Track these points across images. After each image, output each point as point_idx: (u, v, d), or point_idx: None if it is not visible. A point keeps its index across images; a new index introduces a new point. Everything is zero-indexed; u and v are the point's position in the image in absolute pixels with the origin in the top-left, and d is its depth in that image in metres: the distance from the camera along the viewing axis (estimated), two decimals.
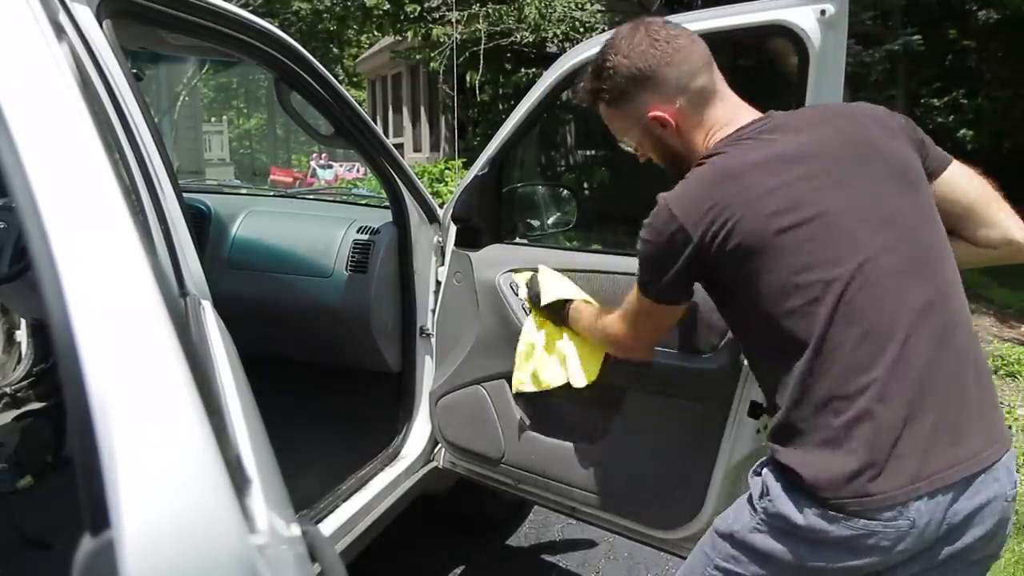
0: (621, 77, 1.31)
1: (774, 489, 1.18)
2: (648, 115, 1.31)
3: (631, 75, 1.30)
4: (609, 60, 1.32)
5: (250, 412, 0.79)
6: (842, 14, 1.48)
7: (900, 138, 1.27)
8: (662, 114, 1.30)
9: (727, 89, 1.33)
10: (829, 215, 1.16)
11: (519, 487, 2.08)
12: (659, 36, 1.29)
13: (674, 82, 1.29)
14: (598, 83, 1.36)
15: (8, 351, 2.64)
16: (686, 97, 1.29)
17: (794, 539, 1.16)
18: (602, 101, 1.37)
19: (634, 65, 1.29)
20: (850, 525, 1.11)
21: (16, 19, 0.64)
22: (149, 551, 0.45)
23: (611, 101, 1.36)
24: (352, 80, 23.67)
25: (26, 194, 0.51)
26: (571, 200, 2.59)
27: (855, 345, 1.13)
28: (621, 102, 1.34)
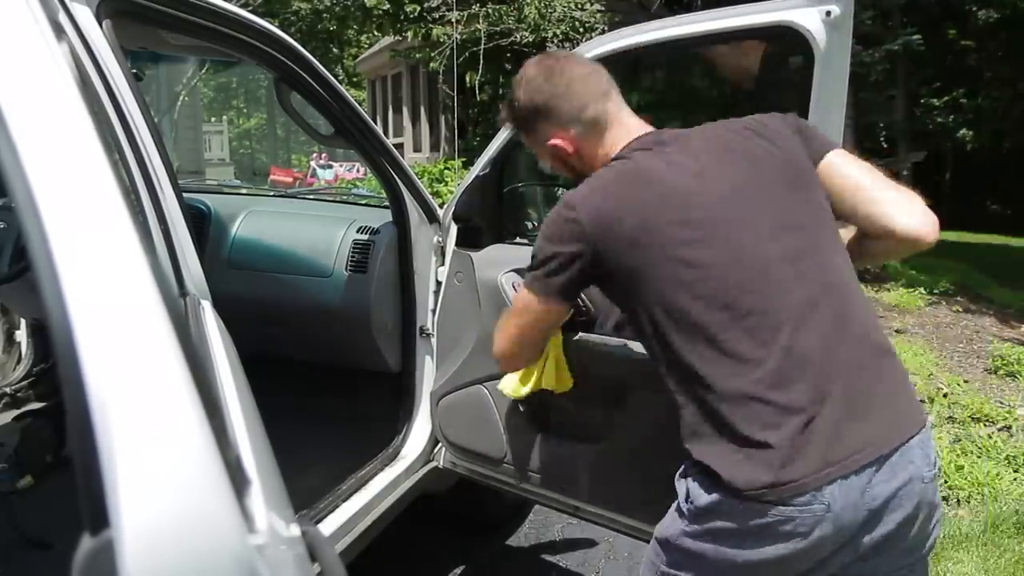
0: (523, 110, 1.45)
1: (694, 490, 1.23)
2: (549, 142, 1.44)
3: (531, 108, 1.43)
4: (516, 97, 1.46)
5: (250, 412, 0.79)
6: (847, 15, 1.48)
7: (785, 140, 1.33)
8: (559, 142, 1.42)
9: (626, 114, 1.43)
10: (717, 219, 1.25)
11: (521, 487, 2.08)
12: (554, 71, 1.42)
13: (567, 113, 1.40)
14: (509, 113, 1.51)
15: (8, 351, 2.64)
16: (580, 125, 1.40)
17: (719, 537, 1.20)
18: (518, 128, 1.52)
19: (531, 100, 1.43)
20: (766, 512, 1.15)
21: (16, 19, 0.64)
22: (148, 551, 0.45)
23: (520, 129, 1.52)
24: (352, 80, 23.67)
25: (25, 194, 0.51)
26: None
27: (742, 338, 1.19)
28: (528, 131, 1.49)
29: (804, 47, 1.52)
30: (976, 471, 3.30)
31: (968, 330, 5.81)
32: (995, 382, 4.58)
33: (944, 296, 6.88)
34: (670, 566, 1.29)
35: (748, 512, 1.16)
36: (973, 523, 2.94)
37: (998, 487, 3.21)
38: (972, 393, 4.28)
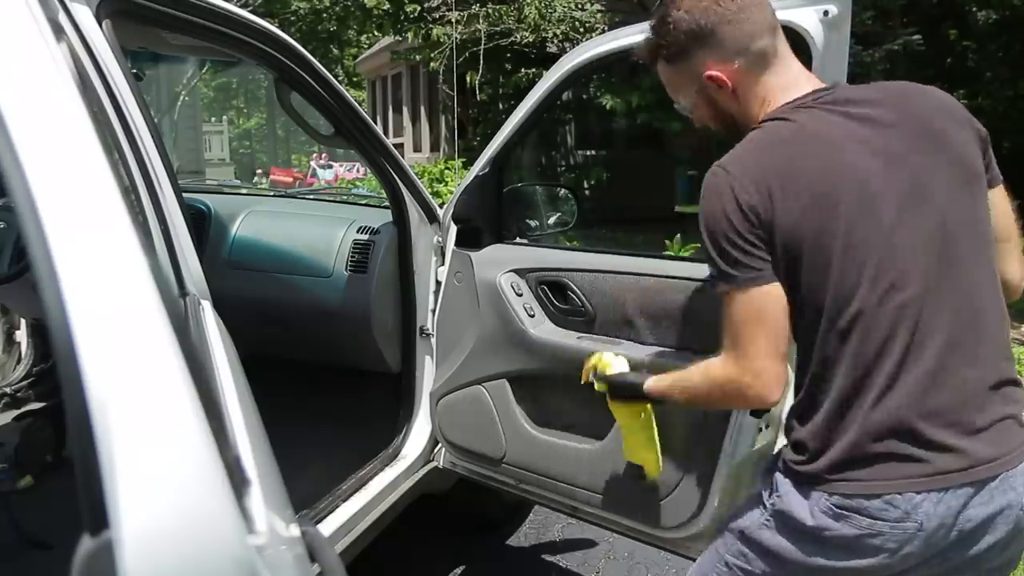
0: (681, 32, 1.25)
1: (783, 485, 1.18)
2: (704, 74, 1.25)
3: (690, 31, 1.24)
4: (670, 15, 1.26)
5: (250, 412, 0.79)
6: (845, 15, 1.47)
7: (968, 132, 1.23)
8: (719, 74, 1.24)
9: (790, 56, 1.27)
10: (873, 202, 1.14)
11: (520, 487, 2.08)
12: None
13: (733, 42, 1.23)
14: (657, 38, 1.30)
15: (8, 351, 2.64)
16: (745, 58, 1.23)
17: (801, 536, 1.16)
18: (660, 57, 1.31)
19: (695, 21, 1.23)
20: (856, 524, 1.11)
21: (15, 19, 0.64)
22: (148, 551, 0.45)
23: (669, 57, 1.30)
24: (352, 80, 23.68)
25: (25, 194, 0.51)
26: (571, 200, 2.59)
27: (866, 339, 1.12)
28: (678, 59, 1.28)
29: (802, 47, 1.52)
30: None
31: None
32: None
33: None
34: (735, 556, 1.24)
35: (836, 518, 1.12)
36: None
37: None
38: None
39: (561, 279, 1.94)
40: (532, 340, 1.93)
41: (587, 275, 1.89)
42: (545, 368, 1.95)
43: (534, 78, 9.84)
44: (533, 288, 1.99)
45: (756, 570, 1.22)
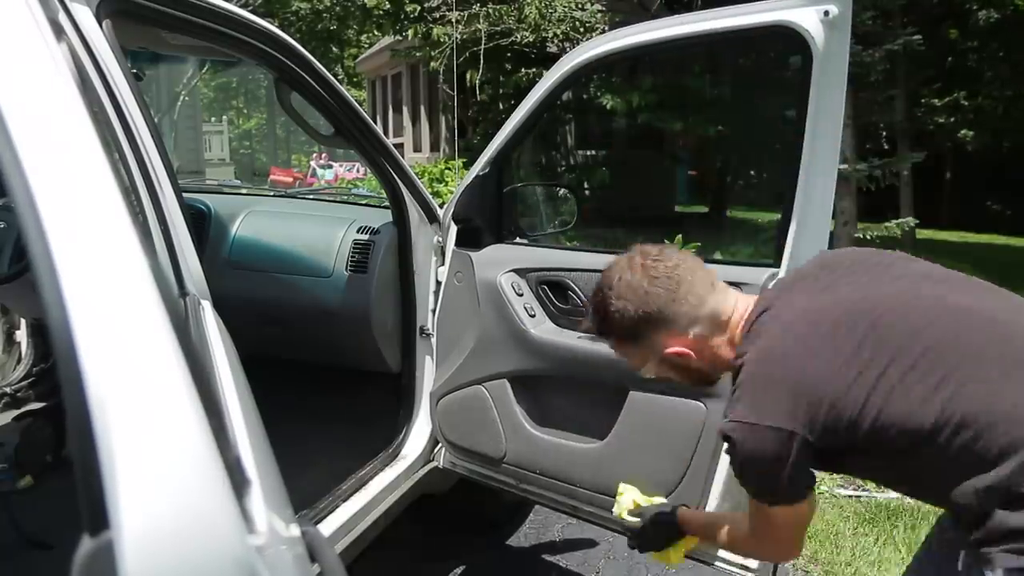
0: (629, 320, 1.28)
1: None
2: (664, 352, 1.30)
3: (639, 318, 1.27)
4: (612, 304, 1.29)
5: (250, 412, 0.79)
6: (845, 15, 1.47)
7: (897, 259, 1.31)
8: (680, 349, 1.28)
9: (726, 292, 1.31)
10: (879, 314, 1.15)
11: (520, 487, 2.08)
12: (658, 272, 1.27)
13: (684, 317, 1.27)
14: (606, 325, 1.33)
15: (8, 351, 2.64)
16: (699, 326, 1.28)
17: None
18: (613, 339, 1.36)
19: (640, 309, 1.26)
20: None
21: (15, 19, 0.64)
22: (148, 551, 0.45)
23: (623, 340, 1.34)
24: (352, 80, 23.66)
25: (25, 194, 0.51)
26: (571, 200, 2.59)
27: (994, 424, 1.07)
28: (633, 342, 1.33)
29: (802, 47, 1.52)
30: None
31: None
32: None
33: None
34: None
35: None
36: None
37: None
38: None
39: (561, 279, 1.94)
40: (532, 340, 1.93)
41: (587, 275, 1.89)
42: (545, 368, 1.95)
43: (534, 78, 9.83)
44: (533, 288, 1.99)
45: None
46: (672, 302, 1.26)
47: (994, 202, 16.11)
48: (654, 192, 11.62)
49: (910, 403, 1.08)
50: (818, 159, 1.59)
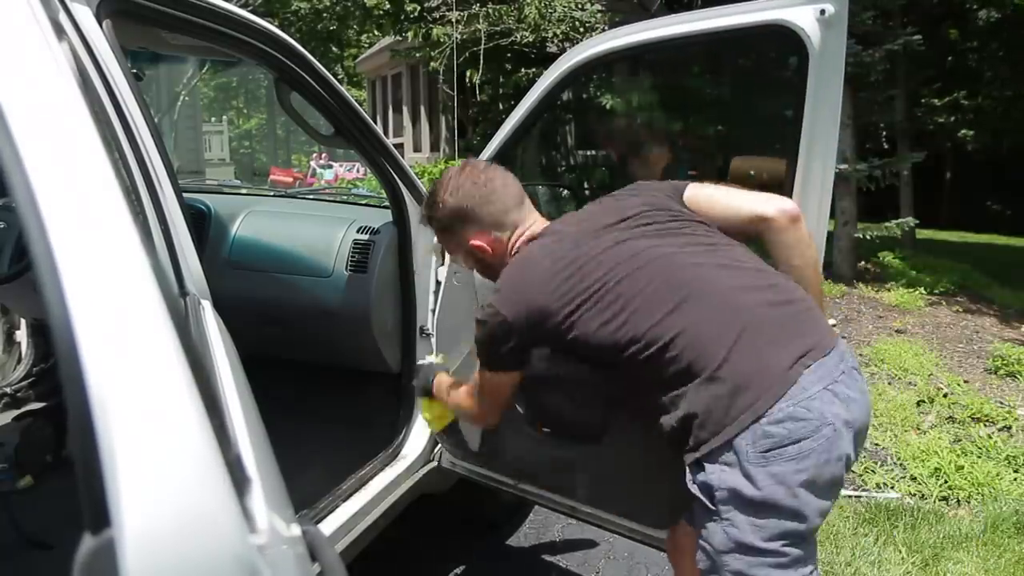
0: (447, 211, 1.61)
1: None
2: (469, 243, 1.62)
3: (454, 211, 1.61)
4: (438, 196, 1.62)
5: (250, 412, 0.79)
6: (842, 14, 1.47)
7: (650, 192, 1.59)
8: (480, 243, 1.61)
9: (533, 213, 1.65)
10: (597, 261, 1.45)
11: (520, 487, 2.08)
12: (479, 179, 1.60)
13: (489, 218, 1.60)
14: (429, 212, 1.68)
15: (8, 351, 2.64)
16: (498, 231, 1.61)
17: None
18: (434, 227, 1.70)
19: (457, 203, 1.60)
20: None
21: (16, 19, 0.64)
22: (149, 550, 0.45)
23: (440, 230, 1.69)
24: (352, 80, 23.66)
25: (26, 194, 0.51)
26: (571, 200, 2.59)
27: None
28: (448, 231, 1.66)
29: (799, 46, 1.52)
30: (976, 471, 3.30)
31: (968, 330, 5.80)
32: (995, 382, 4.58)
33: (944, 296, 6.88)
34: None
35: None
36: (973, 523, 2.94)
37: (998, 487, 3.21)
38: (972, 393, 4.28)
39: None
40: None
41: None
42: (545, 367, 1.94)
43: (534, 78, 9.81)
44: None
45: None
46: (482, 204, 1.59)
47: (994, 202, 16.11)
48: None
49: (595, 327, 1.42)
50: (815, 158, 1.59)
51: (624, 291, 1.41)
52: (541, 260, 1.51)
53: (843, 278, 7.16)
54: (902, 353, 4.83)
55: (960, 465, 3.35)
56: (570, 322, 1.44)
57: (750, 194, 1.56)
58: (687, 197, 1.57)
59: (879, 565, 2.63)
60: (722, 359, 1.33)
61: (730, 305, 1.39)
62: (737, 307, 1.39)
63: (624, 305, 1.40)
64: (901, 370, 4.56)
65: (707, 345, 1.35)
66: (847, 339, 5.40)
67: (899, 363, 4.65)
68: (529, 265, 1.52)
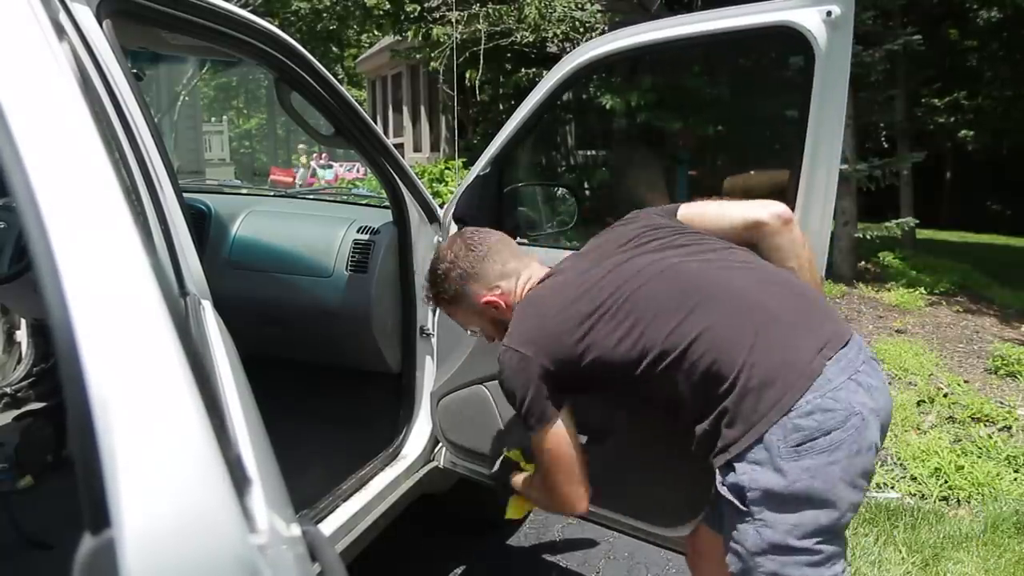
0: (452, 279, 1.64)
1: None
2: (481, 303, 1.63)
3: (458, 277, 1.63)
4: (439, 269, 1.66)
5: (250, 412, 0.79)
6: (848, 16, 1.47)
7: (647, 216, 1.62)
8: (492, 298, 1.62)
9: (533, 261, 1.68)
10: (606, 282, 1.48)
11: None
12: (474, 243, 1.64)
13: (492, 273, 1.63)
14: (436, 290, 1.69)
15: (8, 351, 2.64)
16: (504, 281, 1.63)
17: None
18: (443, 302, 1.70)
19: (459, 270, 1.63)
20: None
21: (16, 19, 0.64)
22: (149, 550, 0.45)
23: (450, 303, 1.69)
24: (352, 80, 23.65)
25: (26, 194, 0.51)
26: (571, 200, 2.59)
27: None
28: (457, 300, 1.67)
29: (804, 47, 1.52)
30: (976, 471, 3.30)
31: (968, 330, 5.80)
32: (995, 382, 4.58)
33: (944, 296, 6.88)
34: None
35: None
36: (973, 523, 2.94)
37: (998, 487, 3.21)
38: (972, 393, 4.28)
39: None
40: None
41: None
42: None
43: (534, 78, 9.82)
44: None
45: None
46: (482, 260, 1.63)
47: (994, 202, 16.10)
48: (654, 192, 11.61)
49: (611, 345, 1.42)
50: (820, 159, 1.59)
51: (635, 305, 1.42)
52: (547, 295, 1.54)
53: (843, 278, 7.16)
54: (902, 353, 4.83)
55: (960, 465, 3.35)
56: (585, 345, 1.44)
57: (740, 202, 1.59)
58: (680, 215, 1.61)
59: (879, 565, 2.63)
60: (744, 358, 1.33)
61: (744, 304, 1.39)
62: (751, 305, 1.39)
63: (638, 318, 1.41)
64: (901, 370, 4.56)
65: (727, 346, 1.35)
66: None
67: (899, 363, 4.65)
68: (536, 301, 1.55)
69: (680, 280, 1.43)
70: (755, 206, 1.55)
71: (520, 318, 1.53)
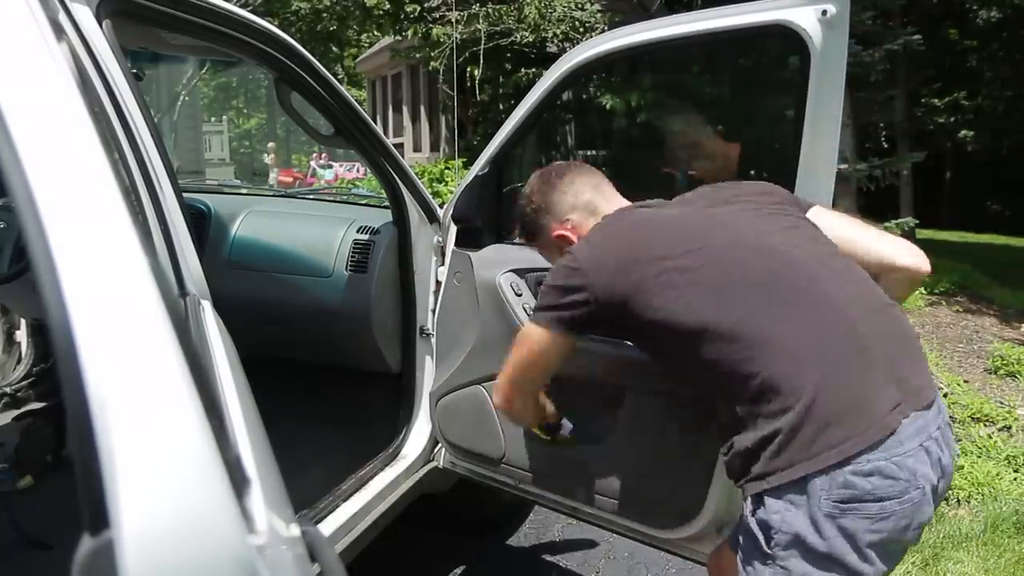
0: (529, 214, 1.64)
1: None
2: (553, 236, 1.60)
3: (535, 211, 1.63)
4: (520, 205, 1.67)
5: (250, 412, 0.79)
6: (843, 14, 1.47)
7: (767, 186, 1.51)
8: (562, 232, 1.59)
9: (617, 198, 1.61)
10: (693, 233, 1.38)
11: (520, 487, 2.08)
12: (550, 176, 1.62)
13: (566, 206, 1.59)
14: (521, 224, 1.70)
15: (8, 351, 2.64)
16: (575, 213, 1.58)
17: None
18: (528, 238, 1.70)
19: (535, 203, 1.62)
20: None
21: (15, 19, 0.64)
22: (148, 551, 0.45)
23: (530, 235, 1.68)
24: (352, 80, 23.65)
25: (25, 194, 0.51)
26: None
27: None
28: (535, 233, 1.65)
29: (800, 46, 1.52)
30: (976, 471, 3.30)
31: (968, 330, 5.80)
32: (995, 382, 4.58)
33: (944, 296, 6.87)
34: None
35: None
36: (973, 523, 2.94)
37: (998, 487, 3.21)
38: (972, 393, 4.28)
39: None
40: None
41: None
42: None
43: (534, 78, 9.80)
44: (532, 288, 1.99)
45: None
46: (554, 192, 1.60)
47: (994, 202, 16.10)
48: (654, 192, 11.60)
49: (670, 298, 1.30)
50: (816, 158, 1.59)
51: (718, 270, 1.29)
52: (623, 226, 1.45)
53: None
54: None
55: (960, 465, 3.35)
56: (643, 288, 1.31)
57: (881, 235, 1.46)
58: (811, 214, 1.45)
59: None
60: (816, 380, 1.18)
61: (839, 321, 1.24)
62: (846, 325, 1.24)
63: (714, 285, 1.28)
64: None
65: (803, 360, 1.20)
66: None
67: None
68: (609, 227, 1.46)
69: (779, 264, 1.29)
70: (899, 247, 1.42)
71: (596, 229, 1.47)
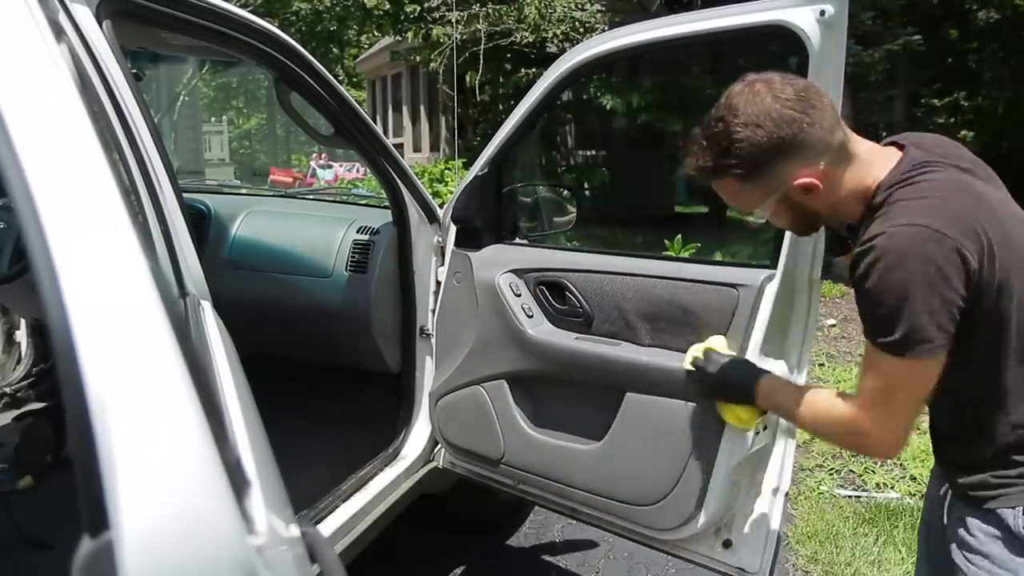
0: (757, 149, 1.15)
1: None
2: (792, 183, 1.17)
3: (769, 145, 1.14)
4: (737, 132, 1.15)
5: (250, 412, 0.79)
6: (842, 14, 1.47)
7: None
8: (810, 180, 1.17)
9: (843, 124, 1.21)
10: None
11: (519, 488, 2.08)
12: (787, 95, 1.15)
13: (819, 143, 1.16)
14: (726, 158, 1.18)
15: (8, 351, 2.64)
16: (830, 155, 1.17)
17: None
18: (730, 176, 1.21)
19: (772, 135, 1.14)
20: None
21: (15, 19, 0.64)
22: (148, 552, 0.45)
23: (742, 176, 1.19)
24: (352, 80, 23.65)
25: (24, 194, 0.51)
26: (571, 200, 2.60)
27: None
28: (755, 177, 1.19)
29: (798, 46, 1.52)
30: None
31: None
32: None
33: None
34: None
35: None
36: None
37: None
38: None
39: (560, 280, 1.94)
40: (530, 341, 1.93)
41: (585, 276, 1.89)
42: (543, 369, 1.95)
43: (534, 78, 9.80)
44: (532, 289, 1.99)
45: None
46: (807, 126, 1.13)
47: None
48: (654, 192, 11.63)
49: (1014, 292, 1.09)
50: None
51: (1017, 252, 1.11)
52: (941, 185, 1.13)
53: (843, 278, 7.15)
54: None
55: None
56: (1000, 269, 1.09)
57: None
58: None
59: (879, 565, 2.63)
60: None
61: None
62: None
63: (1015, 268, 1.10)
64: None
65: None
66: (847, 339, 5.40)
67: None
68: (930, 186, 1.12)
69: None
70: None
71: (916, 199, 1.11)
